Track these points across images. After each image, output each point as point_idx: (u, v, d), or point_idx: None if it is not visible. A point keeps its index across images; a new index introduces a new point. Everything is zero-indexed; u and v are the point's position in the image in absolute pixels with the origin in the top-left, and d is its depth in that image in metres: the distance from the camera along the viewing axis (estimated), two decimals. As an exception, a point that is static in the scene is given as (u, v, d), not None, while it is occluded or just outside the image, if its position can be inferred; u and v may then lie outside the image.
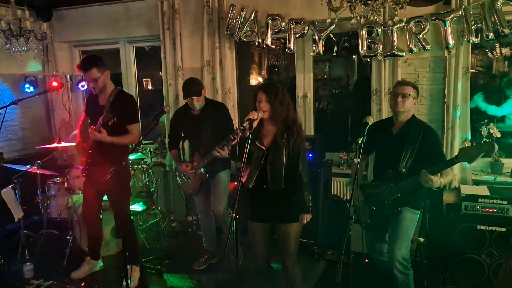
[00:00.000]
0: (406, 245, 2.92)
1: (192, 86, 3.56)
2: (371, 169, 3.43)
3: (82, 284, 3.70)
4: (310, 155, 4.06)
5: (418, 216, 3.00)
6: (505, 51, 5.34)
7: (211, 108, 3.69)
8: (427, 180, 2.65)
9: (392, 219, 2.96)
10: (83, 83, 5.04)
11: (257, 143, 2.79)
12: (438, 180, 2.67)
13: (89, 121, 3.58)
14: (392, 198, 2.91)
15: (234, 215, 2.38)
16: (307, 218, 2.84)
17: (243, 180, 2.83)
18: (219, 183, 3.77)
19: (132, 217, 3.91)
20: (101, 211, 3.85)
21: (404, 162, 2.85)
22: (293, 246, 2.91)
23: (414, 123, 2.94)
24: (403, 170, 2.85)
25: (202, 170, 3.63)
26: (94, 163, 3.56)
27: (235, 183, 4.46)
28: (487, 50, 5.37)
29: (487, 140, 2.42)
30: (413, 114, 2.97)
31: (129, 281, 2.99)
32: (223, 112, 3.75)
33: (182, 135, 3.80)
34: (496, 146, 2.40)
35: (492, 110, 4.65)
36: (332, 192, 4.37)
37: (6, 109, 3.31)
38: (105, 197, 3.83)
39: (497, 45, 5.20)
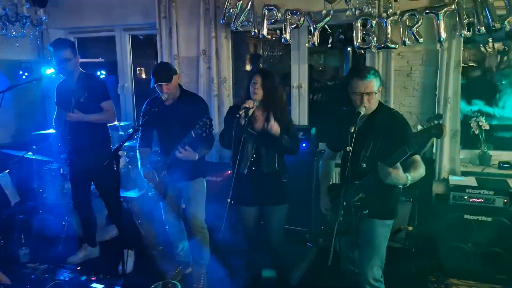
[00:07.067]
0: (379, 265, 2.65)
1: (161, 71, 3.10)
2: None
3: (78, 269, 3.74)
4: (304, 144, 4.13)
5: (390, 226, 2.69)
6: (498, 45, 5.40)
7: (186, 101, 3.20)
8: (386, 174, 2.29)
9: (363, 227, 2.64)
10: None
11: (248, 129, 2.86)
12: (401, 175, 2.29)
13: (62, 110, 3.65)
14: (357, 199, 2.54)
15: (229, 200, 2.47)
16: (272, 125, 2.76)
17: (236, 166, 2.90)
18: (191, 194, 3.30)
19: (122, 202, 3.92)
20: (91, 197, 3.89)
21: (365, 156, 2.53)
22: (276, 227, 2.99)
23: (380, 112, 2.59)
24: (363, 165, 2.54)
25: (165, 172, 3.19)
26: (75, 149, 3.62)
27: (229, 172, 4.53)
28: (480, 45, 5.43)
29: (437, 122, 2.19)
30: (379, 101, 2.63)
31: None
32: (199, 106, 3.19)
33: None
34: (445, 128, 2.15)
35: (498, 112, 4.77)
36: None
37: (3, 95, 3.33)
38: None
39: (490, 39, 5.27)
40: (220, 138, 3.00)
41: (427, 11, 3.77)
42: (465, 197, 3.54)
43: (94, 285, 3.19)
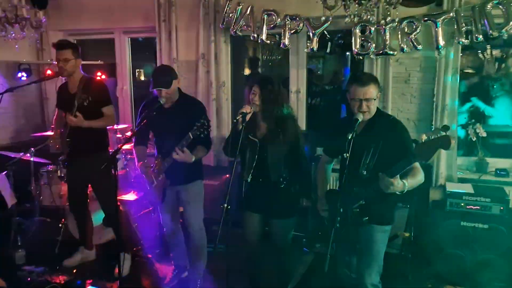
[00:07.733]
0: (377, 270, 2.66)
1: (161, 75, 3.07)
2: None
3: (74, 272, 3.74)
4: (302, 149, 4.13)
5: (389, 232, 2.69)
6: (496, 52, 5.43)
7: (184, 104, 3.19)
8: (388, 185, 2.28)
9: (362, 233, 2.64)
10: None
11: (250, 136, 2.84)
12: (399, 182, 2.28)
13: (62, 113, 3.63)
14: (357, 205, 2.54)
15: (226, 206, 2.46)
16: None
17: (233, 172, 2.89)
18: (189, 197, 3.31)
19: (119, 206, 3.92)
20: (88, 200, 3.87)
21: (365, 163, 2.50)
22: (283, 240, 2.97)
23: (378, 118, 2.58)
24: (364, 173, 2.51)
25: (163, 175, 3.16)
26: (74, 152, 3.62)
27: (227, 175, 4.53)
28: (478, 52, 5.47)
29: (444, 133, 2.14)
30: (377, 108, 2.61)
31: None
32: (198, 110, 3.16)
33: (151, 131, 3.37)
34: (453, 141, 2.15)
35: (489, 110, 4.80)
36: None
37: (2, 96, 3.33)
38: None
39: (488, 46, 5.30)
40: (224, 147, 3.00)
41: (426, 19, 3.79)
42: (462, 204, 3.55)
43: (90, 288, 3.19)
